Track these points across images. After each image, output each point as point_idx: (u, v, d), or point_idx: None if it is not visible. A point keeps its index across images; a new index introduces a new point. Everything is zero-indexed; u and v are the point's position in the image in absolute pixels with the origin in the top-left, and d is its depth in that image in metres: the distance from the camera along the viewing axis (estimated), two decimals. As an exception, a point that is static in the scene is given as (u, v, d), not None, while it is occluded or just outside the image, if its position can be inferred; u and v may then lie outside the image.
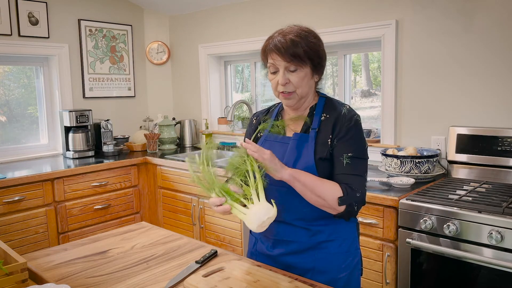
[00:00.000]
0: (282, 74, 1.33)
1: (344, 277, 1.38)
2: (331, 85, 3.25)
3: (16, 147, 3.40)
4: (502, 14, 2.27)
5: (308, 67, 1.34)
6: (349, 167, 1.32)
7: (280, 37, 1.33)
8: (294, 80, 1.33)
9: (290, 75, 1.33)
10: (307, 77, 1.35)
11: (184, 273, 1.32)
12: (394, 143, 2.72)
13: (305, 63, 1.32)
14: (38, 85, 3.54)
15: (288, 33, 1.33)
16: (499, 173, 2.25)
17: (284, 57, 1.31)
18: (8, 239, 2.64)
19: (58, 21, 3.47)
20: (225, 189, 1.27)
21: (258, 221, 1.19)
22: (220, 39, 3.70)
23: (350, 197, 1.29)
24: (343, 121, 1.35)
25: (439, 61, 2.51)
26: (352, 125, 1.35)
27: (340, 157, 1.33)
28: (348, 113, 1.38)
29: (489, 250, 1.75)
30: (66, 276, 1.34)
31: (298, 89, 1.35)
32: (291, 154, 1.36)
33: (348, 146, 1.33)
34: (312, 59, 1.33)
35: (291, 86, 1.34)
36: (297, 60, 1.31)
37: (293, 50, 1.30)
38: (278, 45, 1.32)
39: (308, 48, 1.32)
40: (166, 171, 3.26)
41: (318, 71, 1.38)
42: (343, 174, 1.32)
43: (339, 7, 2.91)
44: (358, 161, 1.34)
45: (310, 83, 1.38)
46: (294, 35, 1.32)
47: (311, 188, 1.28)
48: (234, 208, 1.25)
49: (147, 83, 4.13)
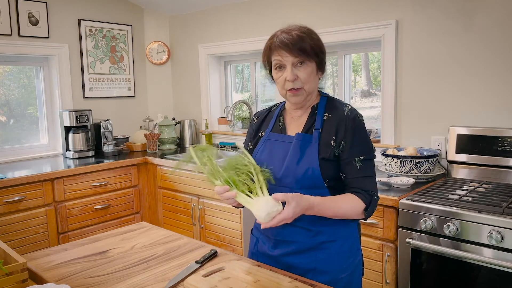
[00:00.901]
0: (290, 70, 1.33)
1: (345, 278, 1.38)
2: (331, 85, 3.25)
3: (16, 147, 3.40)
4: (502, 14, 2.27)
5: (314, 63, 1.35)
6: (362, 169, 1.35)
7: (285, 34, 1.34)
8: (302, 76, 1.34)
9: (298, 70, 1.34)
10: (313, 73, 1.36)
11: (184, 273, 1.32)
12: (394, 143, 2.72)
13: (311, 58, 1.34)
14: (38, 85, 3.54)
15: (292, 30, 1.35)
16: (499, 173, 2.25)
17: (292, 52, 1.32)
18: (8, 239, 2.64)
19: (58, 21, 3.47)
20: (232, 178, 1.27)
21: (268, 210, 1.19)
22: (220, 39, 3.70)
23: (372, 205, 1.35)
24: (347, 122, 1.36)
25: (439, 61, 2.51)
26: (357, 126, 1.36)
27: (353, 161, 1.34)
28: (351, 113, 1.38)
29: (489, 250, 1.75)
30: (66, 276, 1.34)
31: (306, 84, 1.35)
32: (294, 154, 1.36)
33: (359, 149, 1.35)
34: (317, 55, 1.35)
35: (299, 82, 1.35)
36: (304, 54, 1.32)
37: (301, 44, 1.31)
38: (285, 41, 1.32)
39: (314, 44, 1.34)
40: (166, 171, 3.26)
41: (321, 68, 1.40)
42: (358, 178, 1.35)
43: (339, 7, 2.91)
44: (369, 162, 1.37)
45: (315, 80, 1.39)
46: (299, 31, 1.34)
47: (334, 214, 1.32)
48: (241, 196, 1.24)
49: (147, 83, 4.13)
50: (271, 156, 1.41)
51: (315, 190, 1.33)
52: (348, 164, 1.35)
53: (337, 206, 1.31)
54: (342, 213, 1.32)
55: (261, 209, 1.19)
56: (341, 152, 1.35)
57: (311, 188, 1.33)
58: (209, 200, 2.98)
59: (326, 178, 1.33)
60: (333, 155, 1.35)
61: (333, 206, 1.31)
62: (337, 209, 1.31)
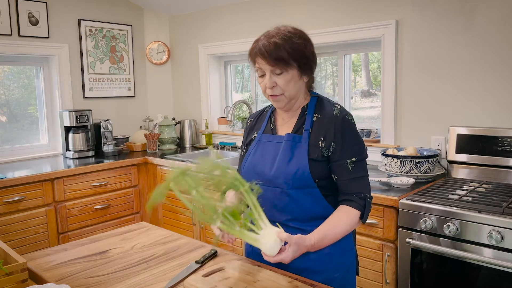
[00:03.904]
0: (268, 78, 1.33)
1: (339, 277, 1.38)
2: (331, 85, 3.24)
3: (16, 147, 3.40)
4: (502, 14, 2.27)
5: (295, 69, 1.33)
6: (354, 170, 1.35)
7: (265, 41, 1.33)
8: (280, 83, 1.33)
9: (277, 78, 1.33)
10: (294, 79, 1.34)
11: (184, 273, 1.32)
12: (394, 143, 2.72)
13: (290, 66, 1.31)
14: (38, 85, 3.54)
15: (272, 36, 1.33)
16: (499, 173, 2.25)
17: (268, 61, 1.31)
18: (8, 239, 2.64)
19: (58, 21, 3.47)
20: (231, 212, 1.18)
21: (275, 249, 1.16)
22: (220, 39, 3.70)
23: (367, 209, 1.35)
24: (336, 123, 1.35)
25: (439, 61, 2.51)
26: (347, 127, 1.35)
27: (344, 163, 1.34)
28: (339, 113, 1.37)
29: (489, 250, 1.75)
30: (66, 276, 1.34)
31: (286, 92, 1.35)
32: (284, 155, 1.37)
33: (350, 150, 1.34)
34: (297, 60, 1.32)
35: (278, 89, 1.34)
36: (281, 63, 1.30)
37: (277, 53, 1.29)
38: (262, 49, 1.32)
39: (292, 50, 1.30)
40: (166, 171, 3.26)
41: (306, 71, 1.37)
42: (349, 180, 1.34)
43: (339, 7, 2.91)
44: (361, 163, 1.37)
45: (298, 85, 1.37)
46: (279, 37, 1.31)
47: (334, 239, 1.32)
48: (244, 235, 1.17)
49: (147, 83, 4.13)
50: (262, 157, 1.42)
51: (306, 189, 1.34)
52: (340, 166, 1.34)
53: (338, 232, 1.32)
54: (343, 234, 1.34)
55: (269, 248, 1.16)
56: (331, 153, 1.34)
57: (302, 188, 1.33)
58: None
59: (316, 178, 1.33)
60: (321, 156, 1.34)
61: (334, 234, 1.31)
62: (338, 235, 1.32)
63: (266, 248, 1.16)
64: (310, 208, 1.35)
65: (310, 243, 1.25)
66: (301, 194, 1.34)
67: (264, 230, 1.17)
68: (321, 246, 1.29)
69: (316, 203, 1.35)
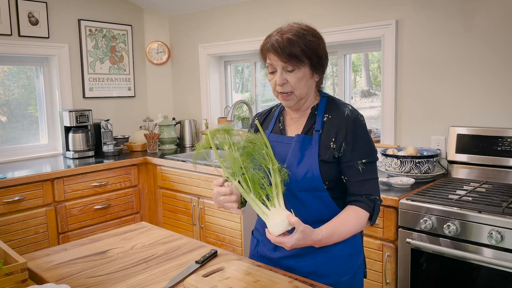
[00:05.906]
0: (279, 75, 1.30)
1: (347, 281, 1.36)
2: (331, 85, 3.25)
3: (16, 147, 3.40)
4: (502, 14, 2.27)
5: (307, 67, 1.30)
6: (364, 172, 1.32)
7: (278, 36, 1.29)
8: (291, 81, 1.30)
9: (288, 75, 1.30)
10: (305, 78, 1.31)
11: (184, 273, 1.32)
12: (394, 143, 2.72)
13: (303, 63, 1.29)
14: (38, 85, 3.54)
15: (286, 32, 1.30)
16: (499, 173, 2.25)
17: (281, 57, 1.28)
18: (8, 239, 2.64)
19: (58, 21, 3.47)
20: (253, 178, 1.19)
21: (281, 229, 1.16)
22: (220, 39, 3.70)
23: (376, 211, 1.33)
24: (348, 124, 1.32)
25: (439, 61, 2.51)
26: (358, 128, 1.33)
27: (355, 164, 1.32)
28: (351, 114, 1.34)
29: (489, 250, 1.75)
30: (66, 276, 1.34)
31: (296, 90, 1.32)
32: (294, 156, 1.34)
33: (361, 152, 1.32)
34: (310, 58, 1.29)
35: (289, 86, 1.31)
36: (294, 60, 1.27)
37: (290, 49, 1.26)
38: (275, 44, 1.28)
39: (306, 47, 1.28)
40: (166, 171, 3.26)
41: (318, 70, 1.35)
42: (360, 181, 1.32)
43: (339, 7, 2.91)
44: (371, 165, 1.34)
45: (309, 83, 1.34)
46: (292, 34, 1.28)
47: (341, 238, 1.30)
48: (256, 204, 1.19)
49: (147, 83, 4.13)
50: None
51: (315, 192, 1.31)
52: (351, 167, 1.32)
53: (346, 231, 1.28)
54: (351, 234, 1.31)
55: (273, 225, 1.16)
56: (342, 154, 1.32)
57: (311, 191, 1.31)
58: (209, 200, 2.98)
59: (326, 180, 1.31)
60: (333, 157, 1.32)
61: (341, 233, 1.28)
62: (345, 234, 1.29)
63: (271, 224, 1.16)
64: (318, 211, 1.33)
65: (317, 237, 1.21)
66: (309, 197, 1.32)
67: (277, 208, 1.18)
68: (327, 243, 1.26)
69: (325, 207, 1.33)
